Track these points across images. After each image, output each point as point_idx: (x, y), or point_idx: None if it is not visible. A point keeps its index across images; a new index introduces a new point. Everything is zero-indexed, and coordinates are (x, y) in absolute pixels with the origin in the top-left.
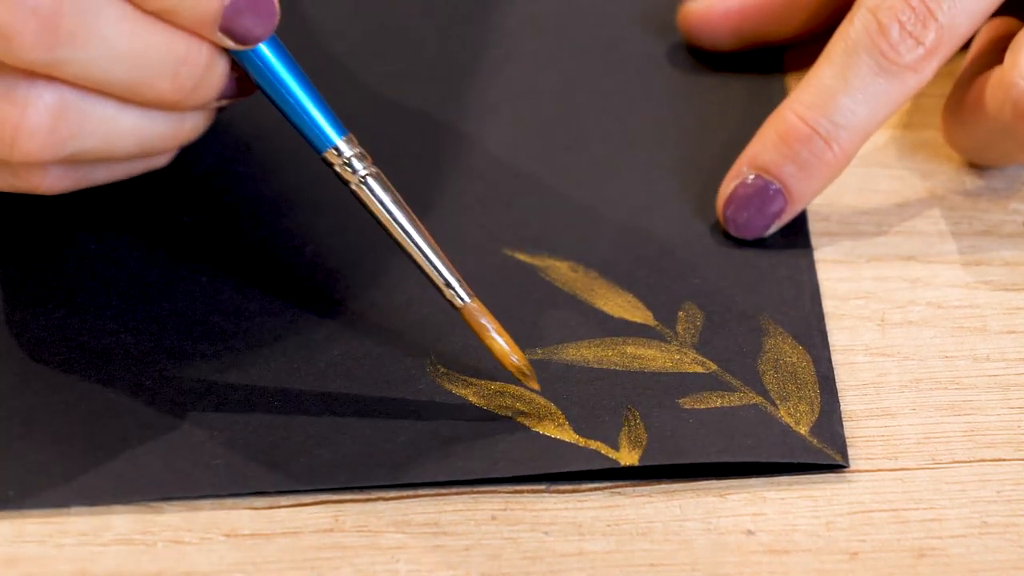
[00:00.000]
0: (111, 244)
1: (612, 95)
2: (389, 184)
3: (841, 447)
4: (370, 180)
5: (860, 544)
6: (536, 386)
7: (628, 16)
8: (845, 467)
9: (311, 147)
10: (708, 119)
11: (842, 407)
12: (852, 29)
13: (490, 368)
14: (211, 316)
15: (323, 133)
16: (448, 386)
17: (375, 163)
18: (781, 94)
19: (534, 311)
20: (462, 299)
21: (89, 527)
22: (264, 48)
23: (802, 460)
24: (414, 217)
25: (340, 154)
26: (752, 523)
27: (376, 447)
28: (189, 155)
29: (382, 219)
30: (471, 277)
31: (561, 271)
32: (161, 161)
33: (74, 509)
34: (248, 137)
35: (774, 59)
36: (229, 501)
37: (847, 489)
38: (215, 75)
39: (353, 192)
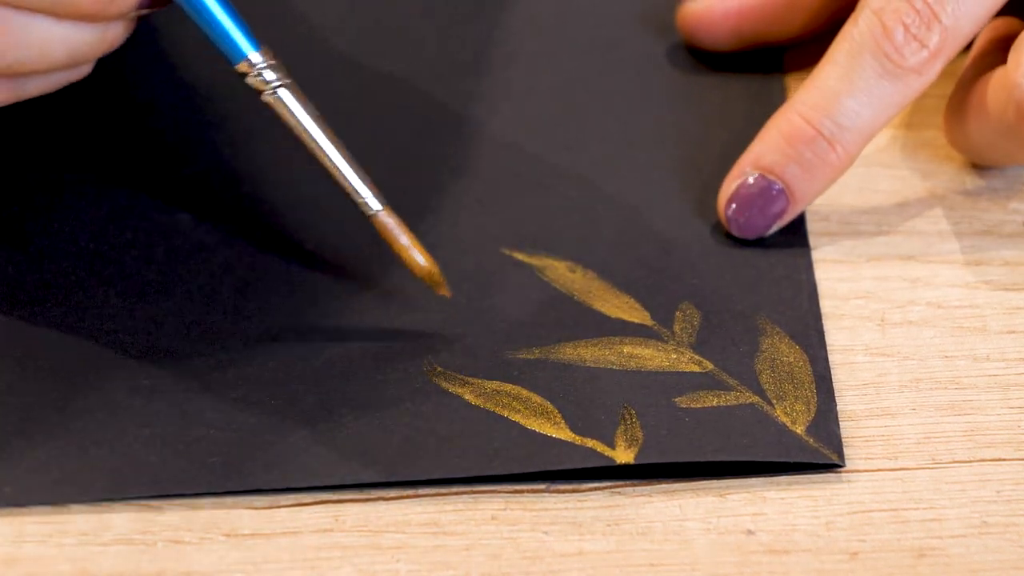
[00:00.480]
0: (109, 243)
1: (612, 95)
2: (302, 94)
3: (837, 447)
4: (280, 91)
5: (860, 544)
6: (447, 293)
7: (628, 16)
8: (841, 467)
9: (226, 60)
10: (708, 119)
11: (842, 407)
12: (856, 31)
13: (487, 367)
14: (209, 316)
15: (235, 45)
16: (445, 385)
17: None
18: (781, 94)
19: (532, 311)
20: (372, 208)
21: (89, 527)
22: None
23: (798, 459)
24: (328, 128)
25: (253, 65)
26: (752, 523)
27: (373, 445)
28: (187, 154)
29: (294, 128)
30: (470, 276)
31: (559, 271)
32: (84, 71)
33: (74, 509)
34: (246, 136)
35: (774, 59)
36: (229, 501)
37: (847, 489)
38: None
39: (266, 103)
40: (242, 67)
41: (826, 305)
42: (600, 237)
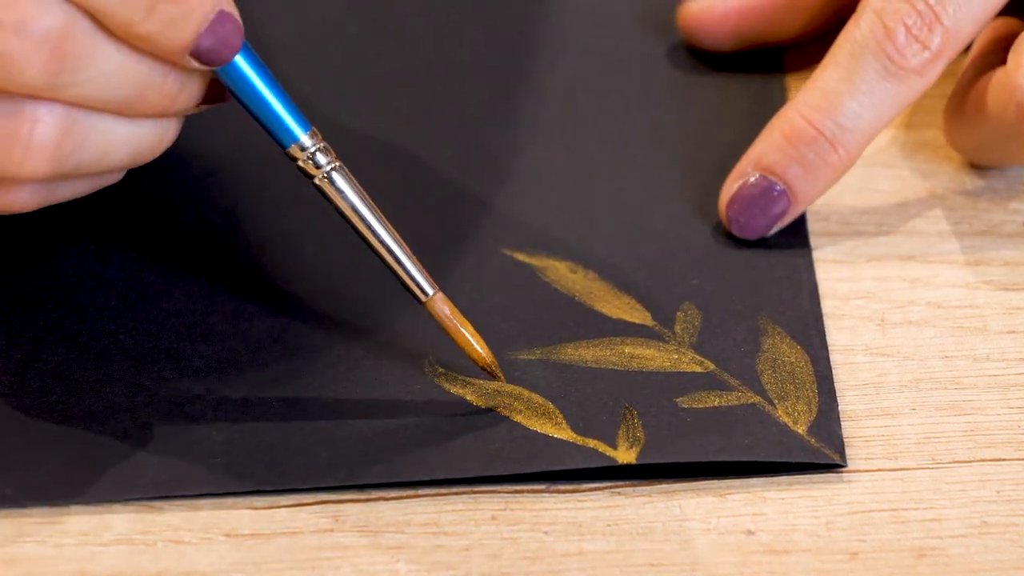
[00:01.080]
0: (110, 245)
1: (612, 95)
2: (352, 178)
3: (839, 447)
4: (334, 175)
5: (860, 544)
6: (503, 378)
7: (628, 16)
8: (843, 467)
9: (278, 145)
10: (708, 119)
11: (842, 407)
12: (858, 32)
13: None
14: (209, 317)
15: (287, 128)
16: (446, 385)
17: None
18: (781, 94)
19: (533, 311)
20: (426, 292)
21: (89, 527)
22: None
23: (800, 460)
24: (378, 211)
25: (304, 149)
26: (752, 523)
27: (374, 446)
28: (188, 155)
29: (346, 213)
30: (471, 277)
31: (560, 271)
32: (117, 177)
33: (74, 509)
34: (248, 137)
35: (774, 59)
36: (229, 501)
37: (847, 489)
38: (194, 86)
39: (317, 187)
40: (293, 151)
41: (826, 305)
42: (601, 237)
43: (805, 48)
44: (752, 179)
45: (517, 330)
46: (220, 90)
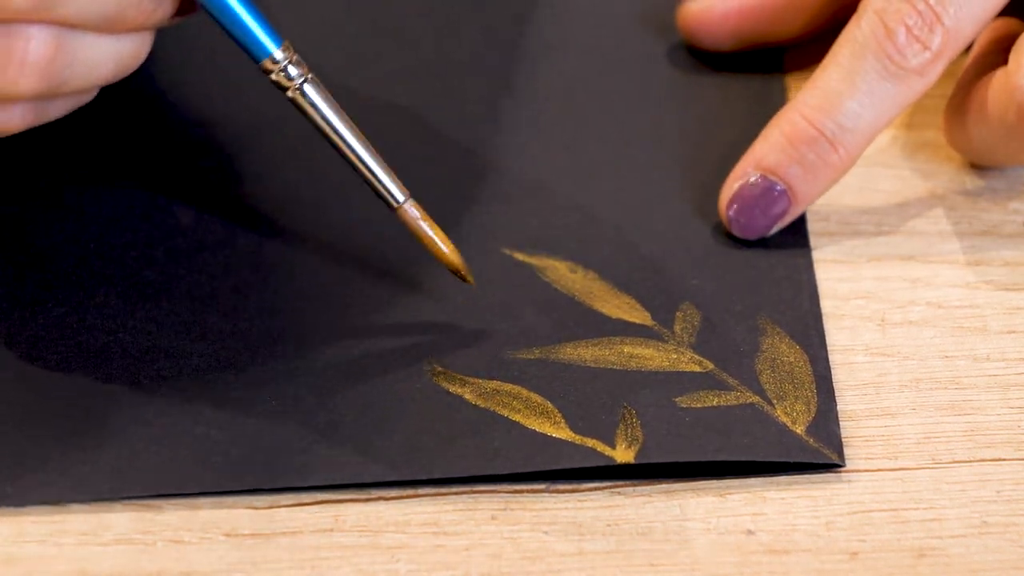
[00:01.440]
0: (110, 243)
1: (612, 95)
2: (325, 90)
3: (837, 447)
4: (306, 87)
5: (860, 544)
6: (472, 282)
7: (628, 16)
8: (841, 467)
9: (251, 59)
10: (708, 119)
11: (842, 407)
12: (859, 32)
13: (487, 367)
14: (209, 316)
15: (258, 43)
16: (445, 385)
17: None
18: (781, 94)
19: (532, 311)
20: (397, 200)
21: (89, 527)
22: None
23: (798, 459)
24: (350, 121)
25: (276, 62)
26: (752, 523)
27: (373, 445)
28: (188, 155)
29: (319, 123)
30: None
31: (560, 271)
32: (93, 93)
33: (74, 508)
34: (248, 136)
35: (774, 59)
36: (229, 500)
37: (847, 489)
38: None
39: (291, 100)
40: (266, 64)
41: (826, 305)
42: (600, 237)
43: (805, 48)
44: (752, 179)
45: (517, 330)
46: (190, 3)
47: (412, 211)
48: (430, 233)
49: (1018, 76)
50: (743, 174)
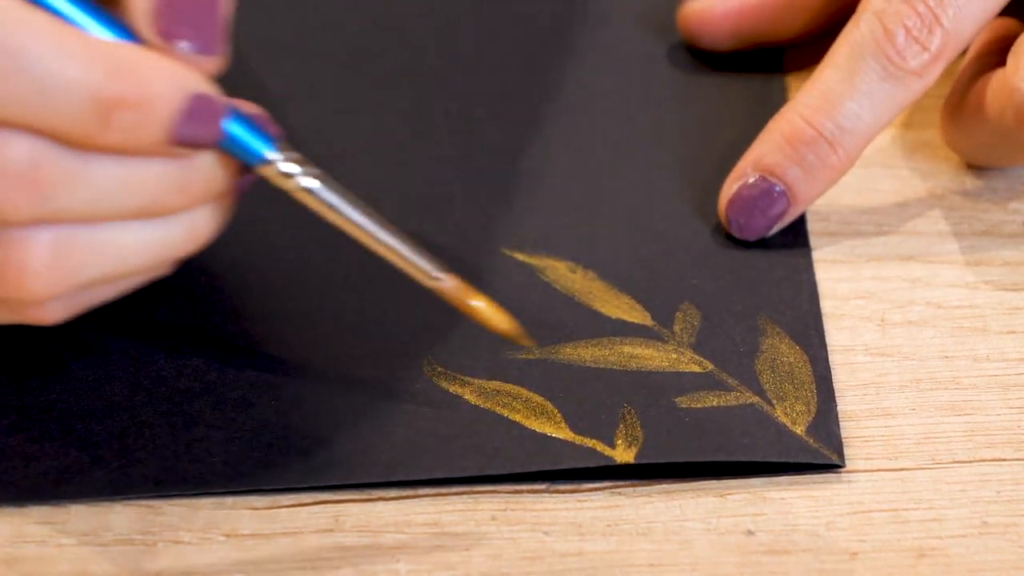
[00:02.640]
0: None
1: (612, 95)
2: (335, 182)
3: (837, 447)
4: (310, 185)
5: (860, 544)
6: (530, 342)
7: (628, 16)
8: (841, 467)
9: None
10: (708, 119)
11: (842, 407)
12: (858, 33)
13: (487, 367)
14: (209, 317)
15: (250, 149)
16: (445, 385)
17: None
18: (781, 94)
19: (532, 311)
20: (436, 278)
21: (89, 527)
22: None
23: (798, 460)
24: (370, 209)
25: (272, 164)
26: (752, 523)
27: (373, 445)
28: None
29: (335, 221)
30: (470, 277)
31: (560, 271)
32: (165, 270)
33: (74, 509)
34: None
35: (774, 59)
36: (229, 501)
37: (847, 489)
38: (206, 169)
39: (297, 199)
40: (263, 170)
41: (826, 305)
42: (600, 237)
43: (805, 48)
44: (752, 180)
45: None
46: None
47: (455, 288)
48: (480, 306)
49: (1017, 78)
50: (742, 175)
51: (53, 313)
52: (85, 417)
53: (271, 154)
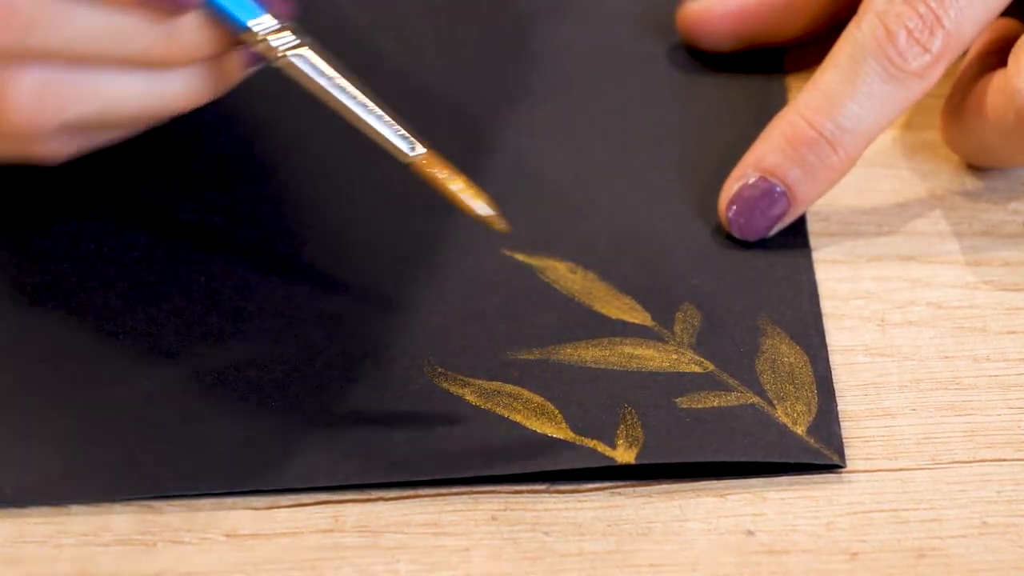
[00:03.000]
0: (110, 244)
1: (612, 95)
2: (317, 54)
3: (838, 447)
4: (291, 55)
5: (860, 544)
6: (507, 228)
7: (628, 16)
8: (842, 467)
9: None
10: (708, 120)
11: (842, 407)
12: (859, 34)
13: (487, 368)
14: (209, 317)
15: (233, 16)
16: (445, 385)
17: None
18: (781, 95)
19: (532, 311)
20: (413, 150)
21: (89, 527)
22: None
23: (799, 460)
24: (345, 82)
25: (255, 34)
26: (752, 523)
27: (373, 446)
28: (188, 154)
29: (318, 90)
30: (470, 277)
31: (560, 272)
32: (161, 121)
33: (74, 509)
34: (248, 136)
35: (774, 60)
36: (229, 501)
37: (847, 489)
38: (191, 31)
39: (279, 67)
40: (248, 36)
41: (826, 305)
42: (600, 238)
43: (805, 48)
44: (752, 180)
45: (516, 330)
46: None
47: (431, 165)
48: (451, 187)
49: (1018, 79)
50: (743, 175)
51: (49, 149)
52: (85, 418)
53: (255, 24)
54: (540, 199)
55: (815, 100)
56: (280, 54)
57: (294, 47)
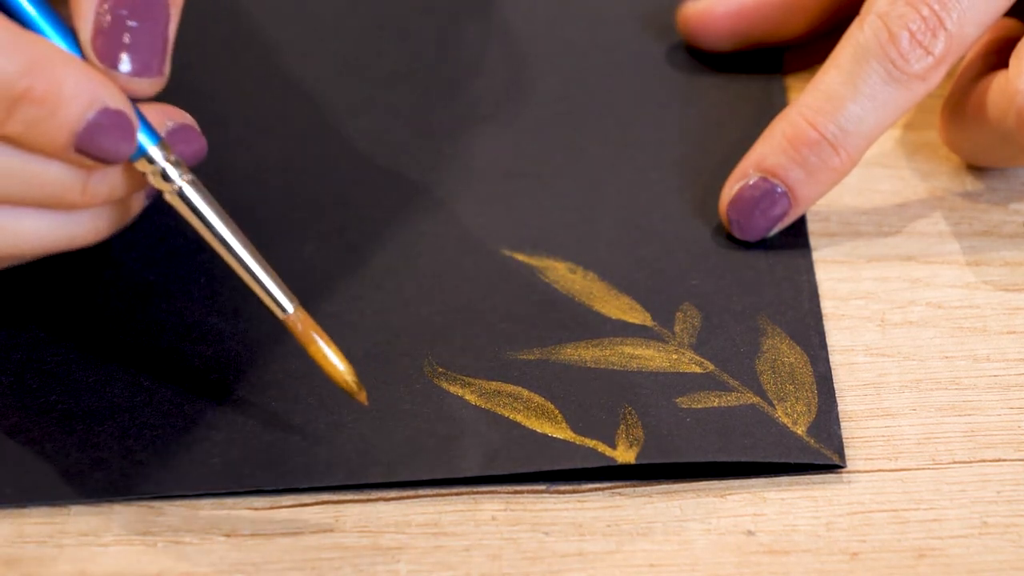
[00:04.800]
0: (109, 245)
1: (612, 96)
2: (207, 192)
3: (838, 447)
4: (185, 189)
5: (860, 544)
6: (365, 401)
7: (628, 16)
8: (842, 467)
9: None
10: (707, 120)
11: (842, 407)
12: (862, 35)
13: (487, 368)
14: (209, 317)
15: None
16: (445, 385)
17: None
18: (781, 95)
19: (533, 312)
20: (285, 309)
21: (89, 527)
22: None
23: (799, 460)
24: (235, 226)
25: (153, 162)
26: (752, 523)
27: (373, 446)
28: None
29: (200, 230)
30: (470, 277)
31: (560, 272)
32: (28, 259)
33: (74, 509)
34: (247, 136)
35: (774, 60)
36: (229, 501)
37: (847, 489)
38: (108, 179)
39: (167, 202)
40: (141, 165)
41: (827, 305)
42: (600, 238)
43: (805, 49)
44: (753, 181)
45: (517, 330)
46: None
47: (303, 324)
48: (323, 348)
49: (1019, 81)
50: (744, 175)
51: None
52: (86, 418)
53: (155, 151)
54: (540, 199)
55: (817, 101)
56: (171, 189)
57: (184, 182)
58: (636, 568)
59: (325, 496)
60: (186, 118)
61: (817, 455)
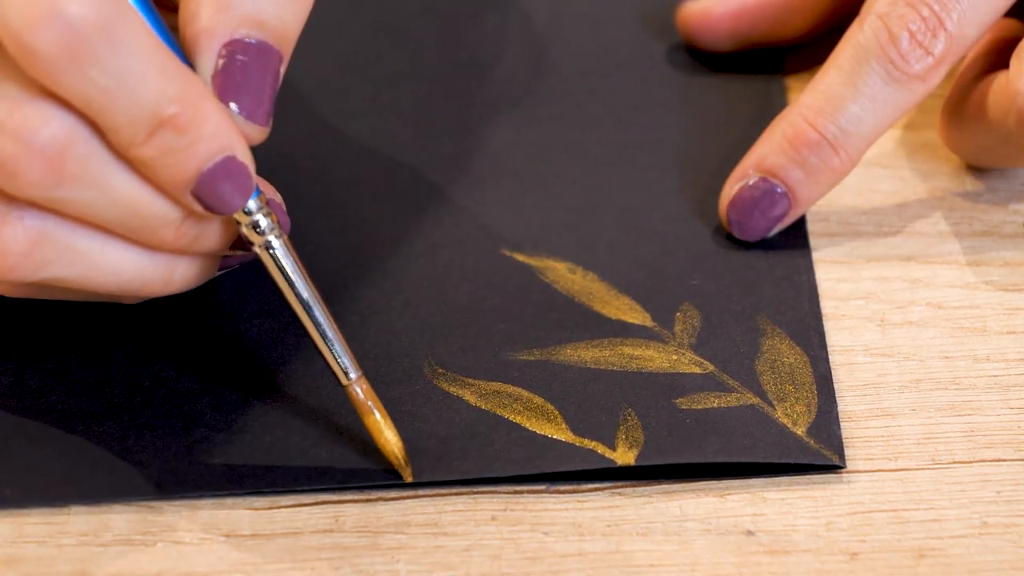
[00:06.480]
0: None
1: (612, 95)
2: (294, 252)
3: (838, 448)
4: (274, 244)
5: (860, 544)
6: (410, 477)
7: (628, 16)
8: (842, 467)
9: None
10: (707, 120)
11: (842, 407)
12: (862, 36)
13: (487, 368)
14: (209, 317)
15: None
16: (445, 386)
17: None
18: (781, 95)
19: (532, 312)
20: (349, 375)
21: (89, 527)
22: None
23: (799, 461)
24: (314, 289)
25: (247, 213)
26: (752, 523)
27: (374, 447)
28: None
29: (282, 287)
30: (470, 277)
31: (560, 272)
32: (126, 300)
33: (74, 509)
34: None
35: (774, 60)
36: (229, 501)
37: (847, 489)
38: (212, 233)
39: (256, 254)
40: (238, 215)
41: (826, 306)
42: (600, 238)
43: (805, 49)
44: (753, 181)
45: (516, 330)
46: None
47: (363, 393)
48: (379, 420)
49: (1019, 82)
50: (744, 176)
51: (6, 288)
52: (86, 419)
53: (251, 203)
54: (540, 199)
55: (817, 101)
56: (262, 242)
57: (274, 238)
58: (636, 568)
59: (325, 496)
60: (276, 195)
61: (817, 455)
